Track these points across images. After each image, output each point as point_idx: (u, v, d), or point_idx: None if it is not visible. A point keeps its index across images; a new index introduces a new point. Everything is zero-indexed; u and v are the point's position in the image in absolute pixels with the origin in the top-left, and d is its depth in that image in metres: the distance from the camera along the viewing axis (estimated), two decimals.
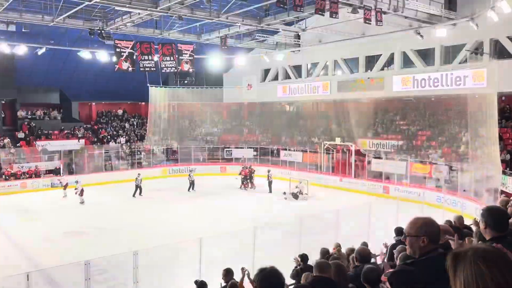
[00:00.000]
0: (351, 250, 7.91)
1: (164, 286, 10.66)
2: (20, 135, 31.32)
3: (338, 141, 28.60)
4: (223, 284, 7.52)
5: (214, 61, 31.19)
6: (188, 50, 26.47)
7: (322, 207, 19.92)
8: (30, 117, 33.26)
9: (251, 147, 33.78)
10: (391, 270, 3.15)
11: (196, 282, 7.57)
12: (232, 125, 37.61)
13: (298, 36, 29.47)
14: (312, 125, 33.18)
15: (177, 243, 12.11)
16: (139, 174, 25.74)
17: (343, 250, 9.10)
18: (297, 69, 33.48)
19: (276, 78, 35.05)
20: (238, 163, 31.62)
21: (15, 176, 26.68)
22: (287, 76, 34.27)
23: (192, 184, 26.56)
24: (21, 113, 32.96)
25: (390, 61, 27.30)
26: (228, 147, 34.24)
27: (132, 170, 30.70)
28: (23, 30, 21.88)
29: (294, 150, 31.24)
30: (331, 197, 24.24)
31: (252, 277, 7.20)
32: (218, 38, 26.35)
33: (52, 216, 20.28)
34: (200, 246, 9.95)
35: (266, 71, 35.77)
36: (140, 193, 24.97)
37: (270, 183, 26.33)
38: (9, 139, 29.96)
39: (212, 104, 37.48)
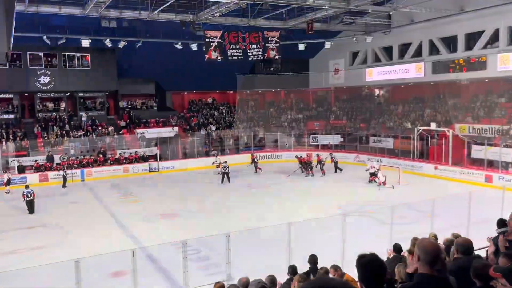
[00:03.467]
0: (451, 242, 7.36)
1: (254, 268, 10.92)
2: (122, 123, 34.03)
3: (433, 126, 26.76)
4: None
5: (300, 47, 30.94)
6: (274, 37, 26.59)
7: (415, 195, 18.90)
8: (130, 107, 35.96)
9: (338, 134, 33.10)
10: (505, 265, 2.84)
11: (289, 267, 7.71)
12: (318, 111, 37.13)
13: (388, 16, 28.07)
14: (404, 110, 31.53)
15: (264, 227, 12.30)
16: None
17: (440, 241, 8.51)
18: (388, 51, 31.90)
19: (365, 61, 33.77)
20: (325, 149, 31.22)
21: (119, 161, 29.16)
22: (377, 59, 32.83)
23: (225, 175, 24.81)
24: (122, 103, 35.74)
25: (494, 38, 24.78)
26: (315, 134, 33.89)
27: (220, 156, 31.79)
28: (123, 25, 23.61)
29: (384, 136, 29.96)
30: (424, 185, 22.92)
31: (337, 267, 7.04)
32: (304, 23, 26.01)
33: (150, 198, 21.84)
34: (289, 231, 9.99)
35: (355, 55, 34.61)
36: (228, 181, 24.79)
37: (335, 163, 27.19)
38: (112, 127, 32.76)
39: (298, 90, 37.28)
